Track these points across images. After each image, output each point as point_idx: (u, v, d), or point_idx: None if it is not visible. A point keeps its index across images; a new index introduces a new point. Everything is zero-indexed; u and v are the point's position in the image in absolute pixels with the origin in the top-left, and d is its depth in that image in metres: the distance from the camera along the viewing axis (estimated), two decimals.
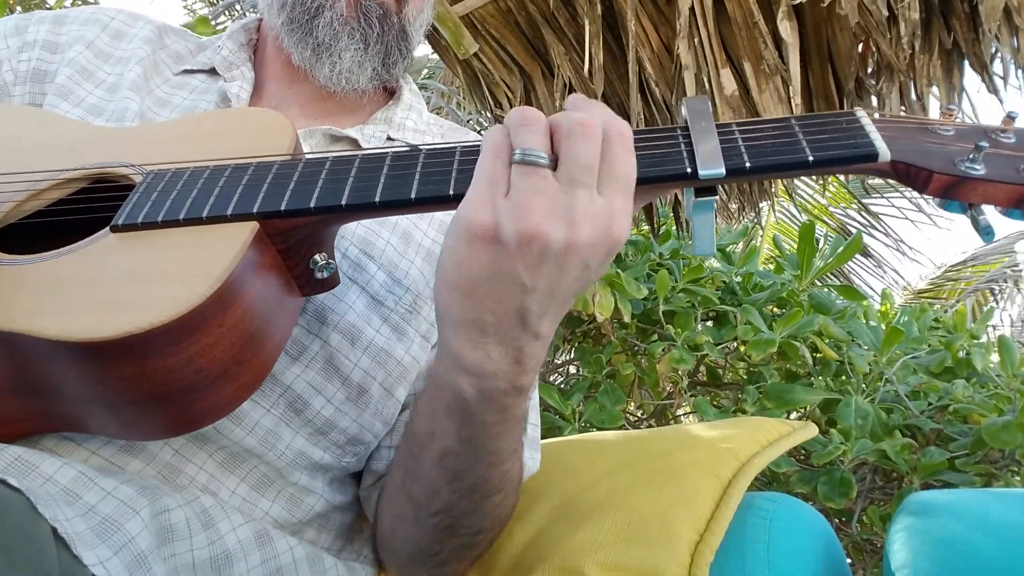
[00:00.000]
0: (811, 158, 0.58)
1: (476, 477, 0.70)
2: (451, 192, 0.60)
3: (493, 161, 0.55)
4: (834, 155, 0.58)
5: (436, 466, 0.69)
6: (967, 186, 0.57)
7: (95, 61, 0.91)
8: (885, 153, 0.58)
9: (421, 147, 0.64)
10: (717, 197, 0.60)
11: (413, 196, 0.60)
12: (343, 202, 0.61)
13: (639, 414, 2.18)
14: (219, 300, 0.57)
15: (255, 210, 0.61)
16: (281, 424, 0.75)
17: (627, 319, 1.67)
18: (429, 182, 0.61)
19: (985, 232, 0.58)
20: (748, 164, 0.58)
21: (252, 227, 0.61)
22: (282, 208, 0.61)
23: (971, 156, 0.57)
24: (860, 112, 0.61)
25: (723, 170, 0.57)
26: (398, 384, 0.82)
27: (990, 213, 0.59)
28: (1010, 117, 0.60)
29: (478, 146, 0.61)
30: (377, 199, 0.61)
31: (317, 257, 0.65)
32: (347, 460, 0.81)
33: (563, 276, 0.55)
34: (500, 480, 0.72)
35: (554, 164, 0.55)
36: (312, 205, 0.61)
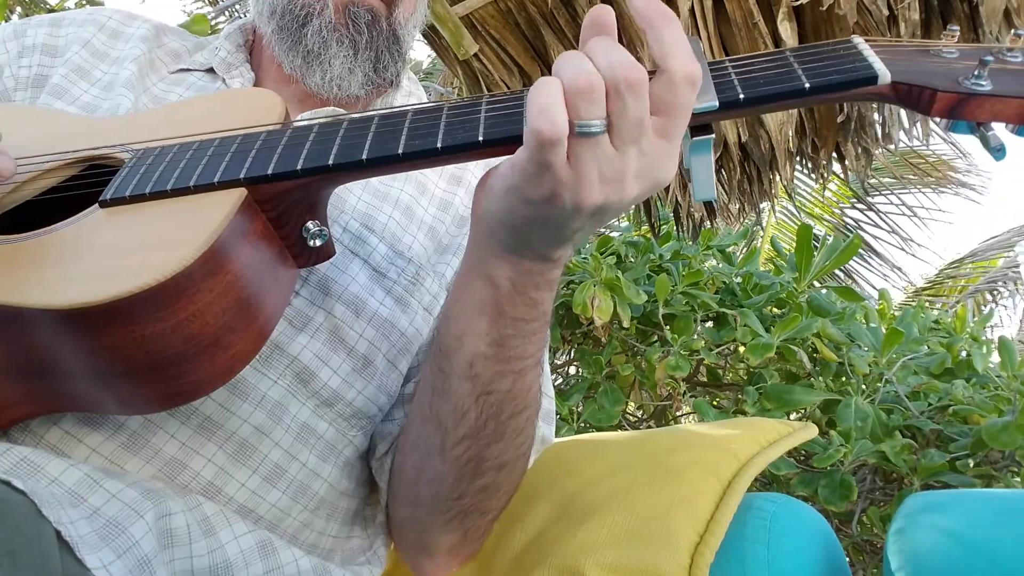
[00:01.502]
0: (807, 85, 0.56)
1: (503, 390, 0.70)
2: (439, 145, 0.59)
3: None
4: (832, 80, 0.56)
5: (465, 378, 0.69)
6: (974, 103, 0.55)
7: (91, 60, 0.91)
8: (885, 75, 0.56)
9: (408, 106, 0.64)
10: (713, 136, 0.58)
11: (401, 152, 0.60)
12: (330, 162, 0.61)
13: (639, 415, 2.18)
14: (206, 265, 0.57)
15: (242, 176, 0.61)
16: (288, 395, 0.75)
17: (626, 323, 1.67)
18: (416, 137, 0.60)
19: (996, 150, 0.55)
20: (742, 95, 0.56)
21: (240, 193, 0.61)
22: (269, 172, 0.61)
23: (976, 72, 0.55)
24: (857, 38, 0.59)
25: (716, 102, 0.56)
26: (401, 356, 0.83)
27: (1000, 131, 0.56)
28: (1017, 35, 0.58)
29: (466, 100, 0.62)
30: (364, 157, 0.60)
31: (310, 224, 0.65)
32: (352, 434, 0.81)
33: (609, 217, 0.59)
34: (525, 396, 0.72)
35: (608, 124, 0.53)
36: (299, 167, 0.61)
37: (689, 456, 0.88)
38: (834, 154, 2.63)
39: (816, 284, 1.90)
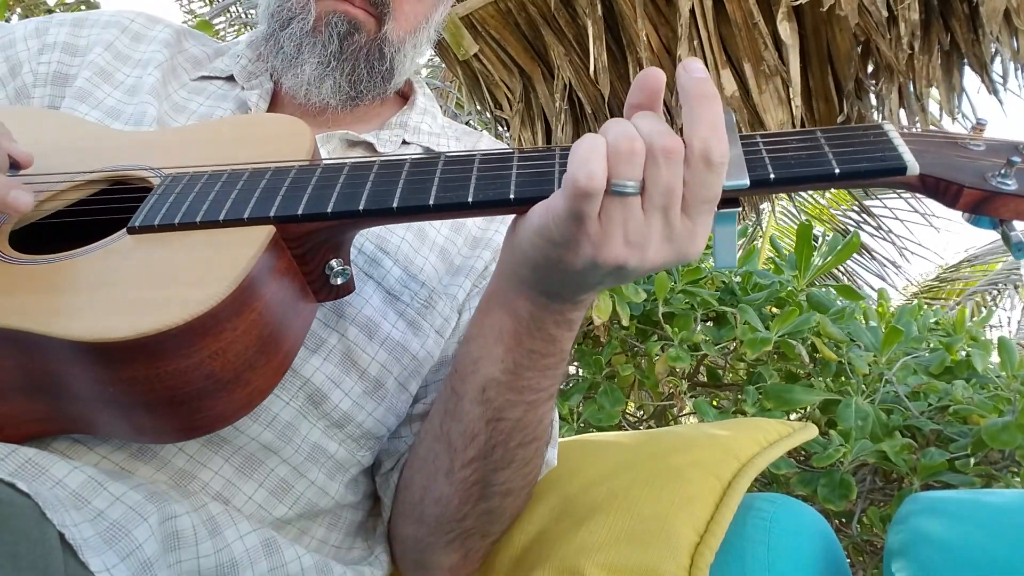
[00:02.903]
0: (837, 171, 0.57)
1: (514, 419, 0.71)
2: (470, 200, 0.60)
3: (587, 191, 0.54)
4: (861, 168, 0.57)
5: (477, 402, 0.70)
6: (998, 201, 0.56)
7: (114, 63, 0.92)
8: (914, 167, 0.56)
9: (441, 154, 0.65)
10: (739, 209, 0.59)
11: (431, 203, 0.60)
12: (360, 207, 0.61)
13: (639, 415, 2.18)
14: (234, 303, 0.57)
15: (272, 214, 0.62)
16: (299, 417, 0.75)
17: (625, 322, 1.67)
18: (448, 189, 0.61)
19: (1017, 248, 0.57)
20: (772, 175, 0.57)
21: (268, 231, 0.61)
22: (299, 212, 0.62)
23: (1003, 171, 0.56)
24: (888, 125, 0.60)
25: (747, 181, 0.57)
26: (412, 379, 0.83)
27: (1022, 229, 0.58)
28: None
29: (498, 153, 0.62)
30: (395, 205, 0.61)
31: (333, 263, 0.66)
32: (361, 454, 0.81)
33: (630, 277, 0.60)
34: (535, 428, 0.73)
35: (642, 186, 0.55)
36: (329, 210, 0.61)
37: (689, 456, 0.88)
38: None
39: (815, 284, 1.90)
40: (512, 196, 0.59)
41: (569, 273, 0.59)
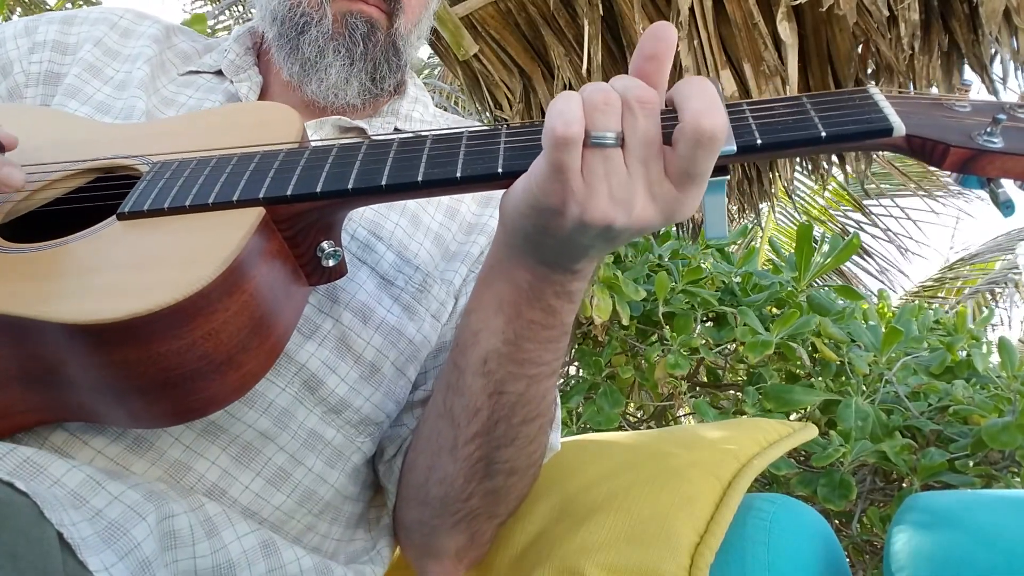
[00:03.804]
0: (824, 134, 0.57)
1: (516, 393, 0.70)
2: (458, 175, 0.60)
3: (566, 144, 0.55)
4: (848, 131, 0.57)
5: (479, 374, 0.70)
6: (985, 159, 0.56)
7: (103, 58, 0.92)
8: (900, 128, 0.56)
9: (427, 132, 0.65)
10: (728, 177, 0.59)
11: (420, 179, 0.60)
12: (349, 186, 0.61)
13: (639, 415, 2.18)
14: (224, 284, 0.57)
15: (261, 195, 0.62)
16: (295, 403, 0.75)
17: (625, 321, 1.67)
18: (436, 165, 0.61)
19: (1005, 206, 0.57)
20: (759, 141, 0.57)
21: (258, 212, 0.61)
22: (288, 193, 0.62)
23: (988, 129, 0.56)
24: (873, 88, 0.60)
25: (734, 147, 0.57)
26: (409, 364, 0.83)
27: (1009, 188, 0.58)
28: None
29: (484, 129, 0.63)
30: (384, 183, 0.61)
31: (324, 244, 0.66)
32: (360, 440, 0.81)
33: (620, 240, 0.59)
34: (538, 404, 0.73)
35: (621, 141, 0.55)
36: (318, 190, 0.62)
37: (689, 457, 0.88)
38: (834, 156, 2.63)
39: (815, 284, 1.90)
40: (500, 170, 0.59)
41: (559, 239, 0.59)
